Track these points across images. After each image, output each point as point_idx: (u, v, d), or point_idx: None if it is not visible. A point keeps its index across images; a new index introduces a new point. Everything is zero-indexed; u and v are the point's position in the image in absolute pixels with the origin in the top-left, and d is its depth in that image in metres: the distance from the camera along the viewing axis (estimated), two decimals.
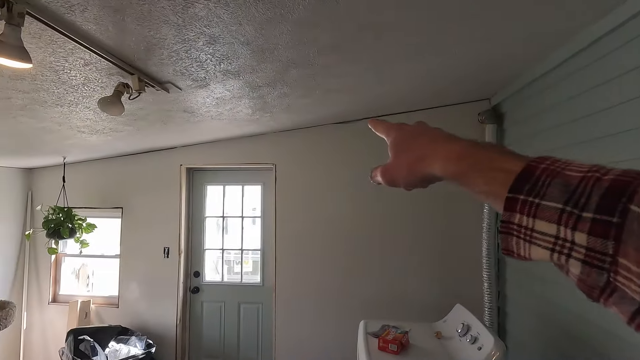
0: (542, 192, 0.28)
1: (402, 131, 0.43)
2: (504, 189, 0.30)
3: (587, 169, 0.27)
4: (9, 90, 1.49)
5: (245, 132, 2.91)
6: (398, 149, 0.42)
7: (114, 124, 2.21)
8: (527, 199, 0.28)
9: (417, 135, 0.41)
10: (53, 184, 3.23)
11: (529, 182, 0.29)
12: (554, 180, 0.28)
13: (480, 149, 0.35)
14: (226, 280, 3.35)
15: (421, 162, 0.38)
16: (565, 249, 0.26)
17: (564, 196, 0.26)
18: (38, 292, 3.32)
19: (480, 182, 0.33)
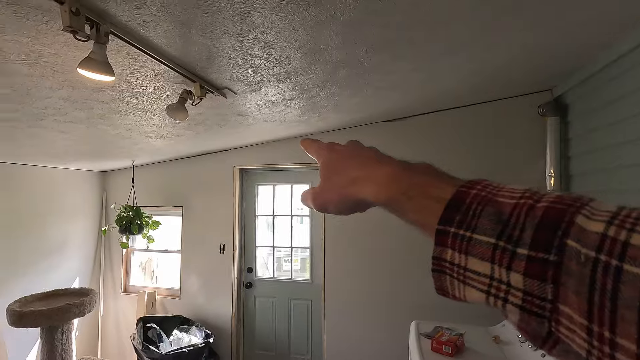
0: (473, 223, 0.25)
1: (332, 152, 0.40)
2: (434, 219, 0.27)
3: (520, 195, 0.25)
4: (92, 101, 1.69)
5: (294, 132, 2.99)
6: (328, 172, 0.38)
7: (176, 129, 2.39)
8: (458, 232, 0.25)
9: (348, 157, 0.38)
10: (124, 185, 3.58)
11: (460, 212, 0.26)
12: (485, 208, 0.25)
13: (413, 172, 0.32)
14: (277, 277, 3.47)
15: (351, 186, 0.35)
16: (501, 292, 0.23)
17: (497, 228, 0.24)
18: (112, 282, 3.69)
19: (412, 210, 0.30)
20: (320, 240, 3.13)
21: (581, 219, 0.21)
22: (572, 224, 0.21)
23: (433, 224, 0.27)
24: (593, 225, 0.21)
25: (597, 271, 0.19)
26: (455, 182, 0.29)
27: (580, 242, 0.21)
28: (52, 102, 1.64)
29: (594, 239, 0.20)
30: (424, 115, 2.84)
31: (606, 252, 0.19)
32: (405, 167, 0.33)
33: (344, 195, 0.36)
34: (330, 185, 0.38)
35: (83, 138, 2.32)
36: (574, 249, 0.21)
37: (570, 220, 0.22)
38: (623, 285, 0.18)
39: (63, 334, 1.90)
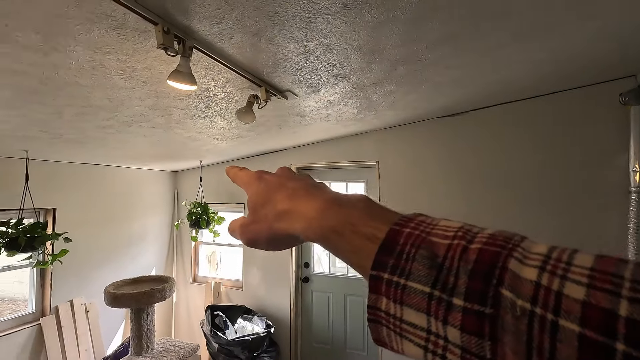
0: (407, 268, 0.23)
1: (261, 182, 0.36)
2: (369, 262, 0.25)
3: (453, 234, 0.23)
4: (171, 108, 1.88)
5: (350, 131, 3.04)
6: (257, 204, 0.35)
7: (240, 131, 2.57)
8: (391, 279, 0.23)
9: (276, 188, 0.34)
10: (192, 184, 3.90)
11: (393, 255, 0.24)
12: (419, 251, 0.23)
13: (344, 206, 0.29)
14: (332, 273, 3.54)
15: (279, 220, 0.32)
16: (439, 349, 0.21)
17: (432, 274, 0.22)
18: (183, 272, 4.04)
19: (344, 250, 0.28)
20: None
21: (514, 264, 0.20)
22: (505, 270, 0.20)
23: (368, 267, 0.25)
24: (526, 272, 0.20)
25: (534, 327, 0.18)
26: (388, 217, 0.27)
27: (514, 292, 0.19)
28: (140, 110, 1.87)
29: (528, 288, 0.19)
30: (485, 109, 2.72)
31: (541, 305, 0.18)
32: (337, 201, 0.30)
33: (272, 231, 0.33)
34: (258, 218, 0.34)
35: (161, 141, 2.58)
36: (509, 300, 0.19)
37: (503, 266, 0.20)
38: (560, 343, 0.17)
39: (148, 315, 2.15)
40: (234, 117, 2.18)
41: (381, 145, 3.13)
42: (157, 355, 2.14)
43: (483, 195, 2.74)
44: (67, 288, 2.93)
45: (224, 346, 3.03)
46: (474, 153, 2.78)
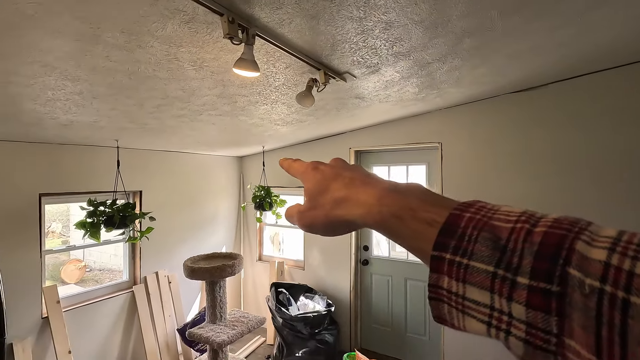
0: (469, 249, 0.24)
1: (317, 172, 0.38)
2: (429, 245, 0.26)
3: (516, 218, 0.24)
4: (236, 95, 1.99)
5: (410, 112, 2.93)
6: (314, 192, 0.37)
7: (300, 115, 2.63)
8: (454, 259, 0.24)
9: (332, 178, 0.36)
10: (256, 168, 4.11)
11: (454, 237, 0.25)
12: (481, 233, 0.24)
13: (402, 193, 0.30)
14: (392, 257, 3.52)
15: (338, 207, 0.34)
16: (502, 324, 0.22)
17: (495, 255, 0.23)
18: (250, 251, 4.32)
19: (404, 234, 0.29)
20: None
21: (581, 246, 0.21)
22: (572, 251, 0.21)
23: (427, 250, 0.26)
24: (595, 253, 0.20)
25: (603, 304, 0.19)
26: (447, 203, 0.28)
27: (582, 271, 0.20)
28: (208, 100, 2.01)
29: (597, 268, 0.19)
30: (563, 82, 2.43)
31: (611, 283, 0.19)
32: (394, 188, 0.32)
33: (330, 217, 0.35)
34: (316, 205, 0.36)
35: (227, 128, 2.75)
36: (577, 279, 0.20)
37: (570, 247, 0.21)
38: (632, 319, 0.18)
39: (220, 288, 2.36)
40: (294, 102, 2.24)
41: (444, 125, 2.98)
42: (229, 324, 2.35)
43: (557, 179, 2.48)
44: (153, 261, 3.33)
45: (288, 321, 3.21)
46: (548, 132, 2.52)
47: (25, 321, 2.47)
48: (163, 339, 3.21)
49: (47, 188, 2.62)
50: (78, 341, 2.74)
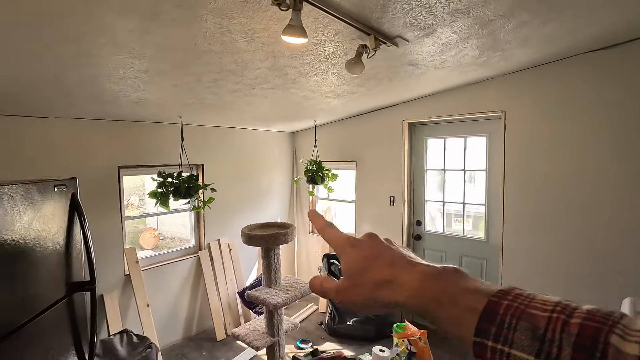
0: (509, 337, 0.26)
1: (354, 249, 0.39)
2: (469, 332, 0.28)
3: (552, 307, 0.25)
4: (287, 67, 2.01)
5: (469, 78, 2.73)
6: (354, 271, 0.37)
7: (351, 87, 2.58)
8: (495, 347, 0.26)
9: (374, 257, 0.37)
10: (308, 142, 4.17)
11: (494, 324, 0.27)
12: (519, 322, 0.26)
13: (441, 279, 0.32)
14: (446, 232, 3.41)
15: (381, 289, 0.35)
16: None
17: (534, 345, 0.24)
18: (302, 224, 4.47)
19: (444, 319, 0.30)
20: (499, 196, 2.86)
21: (616, 339, 0.22)
22: (608, 344, 0.22)
23: (468, 335, 0.28)
24: (629, 347, 0.21)
25: None
26: (485, 289, 0.29)
27: None
28: (260, 73, 2.06)
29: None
30: None
31: None
32: (433, 273, 0.33)
33: (371, 298, 0.35)
34: (356, 284, 0.37)
35: (279, 102, 2.81)
36: None
37: (606, 341, 0.22)
38: None
39: (275, 255, 2.50)
40: (344, 72, 2.21)
41: (508, 92, 2.73)
42: (283, 289, 2.49)
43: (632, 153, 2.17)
44: (215, 230, 3.60)
45: None
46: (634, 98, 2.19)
47: (111, 277, 2.86)
48: (225, 300, 3.51)
49: (124, 161, 2.93)
50: (155, 296, 3.11)
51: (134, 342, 2.51)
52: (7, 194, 1.20)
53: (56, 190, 1.48)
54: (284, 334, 2.57)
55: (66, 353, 1.52)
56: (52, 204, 1.45)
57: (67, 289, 1.53)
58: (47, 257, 1.39)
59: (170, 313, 3.26)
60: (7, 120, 2.34)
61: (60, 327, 1.50)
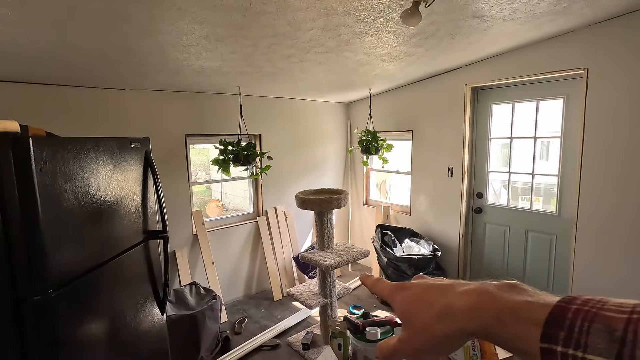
0: (582, 341, 0.23)
1: (405, 291, 0.36)
2: (534, 346, 0.26)
3: (630, 310, 0.23)
4: (340, 27, 1.97)
5: (544, 33, 2.44)
6: (410, 313, 0.35)
7: (407, 47, 2.46)
8: (566, 352, 0.24)
9: (426, 290, 0.35)
10: (362, 113, 4.10)
11: (562, 328, 0.24)
12: (592, 325, 0.23)
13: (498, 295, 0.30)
14: (511, 205, 3.17)
15: (442, 320, 0.32)
16: None
17: (613, 347, 0.22)
18: (356, 195, 4.48)
19: (506, 336, 0.28)
20: (575, 167, 2.57)
21: None
22: None
23: (532, 348, 0.26)
24: None
25: None
26: (547, 299, 0.27)
27: None
28: (314, 34, 2.04)
29: None
30: None
31: None
32: (489, 289, 0.31)
33: (435, 335, 0.32)
34: (416, 330, 0.34)
35: (333, 68, 2.78)
36: None
37: None
38: None
39: (328, 219, 2.55)
40: (400, 30, 2.10)
41: (592, 47, 2.39)
42: (335, 253, 2.54)
43: None
44: (272, 197, 3.77)
45: (392, 261, 3.30)
46: None
47: (181, 235, 3.16)
48: (282, 264, 3.70)
49: (190, 130, 3.16)
50: (218, 256, 3.38)
51: (202, 293, 2.77)
52: (93, 147, 1.37)
53: (132, 147, 1.65)
54: (337, 296, 2.65)
55: (146, 297, 1.74)
56: (129, 158, 1.62)
57: (144, 235, 1.73)
58: (126, 204, 1.58)
59: (232, 272, 3.53)
60: (92, 91, 2.65)
61: (140, 268, 1.71)
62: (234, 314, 3.30)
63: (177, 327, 2.34)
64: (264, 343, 2.78)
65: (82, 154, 1.30)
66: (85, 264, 1.31)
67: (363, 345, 1.99)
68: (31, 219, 1.06)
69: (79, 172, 1.27)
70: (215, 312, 2.62)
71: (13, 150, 1.02)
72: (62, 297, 1.16)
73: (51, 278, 1.12)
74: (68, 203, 1.21)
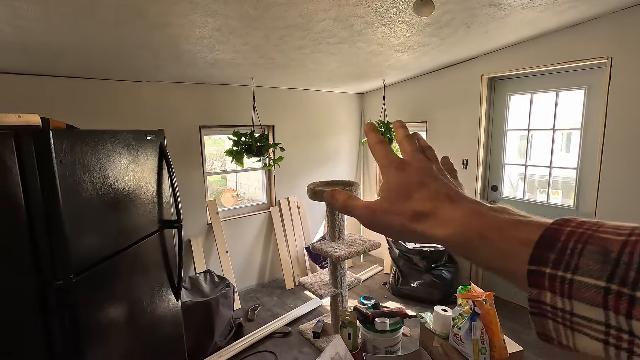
0: (573, 263, 0.22)
1: (401, 173, 0.35)
2: (521, 265, 0.24)
3: (629, 231, 0.22)
4: (352, 17, 1.95)
5: (566, 20, 2.35)
6: (393, 195, 0.34)
7: (421, 37, 2.41)
8: (555, 273, 0.23)
9: (418, 185, 0.33)
10: (376, 104, 4.07)
11: (553, 250, 0.23)
12: (586, 246, 0.22)
13: (489, 213, 0.29)
14: (527, 199, 3.11)
15: (419, 222, 0.31)
16: (623, 343, 0.20)
17: (605, 269, 0.21)
18: (369, 186, 4.47)
19: (491, 257, 0.27)
20: (595, 161, 2.49)
21: None
22: None
23: (519, 271, 0.25)
24: None
25: None
26: (541, 221, 0.26)
27: None
28: (326, 25, 2.03)
29: None
30: None
31: None
32: (481, 207, 0.30)
33: (406, 228, 0.32)
34: (393, 210, 0.33)
35: (346, 59, 2.76)
36: None
37: None
38: None
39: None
40: (414, 20, 2.07)
41: (616, 34, 2.29)
42: (346, 244, 2.57)
43: None
44: (284, 188, 3.80)
45: (404, 253, 3.30)
46: None
47: (196, 224, 3.24)
48: (294, 254, 3.75)
49: (204, 121, 3.21)
50: (232, 245, 3.45)
51: (216, 280, 2.85)
52: (110, 139, 1.42)
53: (148, 139, 1.70)
54: (347, 287, 2.68)
55: (161, 284, 1.80)
56: (145, 150, 1.67)
57: (159, 224, 1.79)
58: (142, 195, 1.64)
59: (246, 261, 3.61)
60: (110, 83, 2.71)
61: (155, 256, 1.77)
62: (247, 301, 3.38)
63: (192, 313, 2.42)
64: (275, 330, 2.84)
65: (99, 146, 1.35)
66: (104, 252, 1.37)
67: (372, 335, 2.02)
68: (53, 209, 1.11)
69: (96, 164, 1.32)
70: (228, 299, 2.69)
71: (35, 143, 1.07)
72: (83, 282, 1.22)
73: (72, 264, 1.18)
74: (87, 193, 1.27)
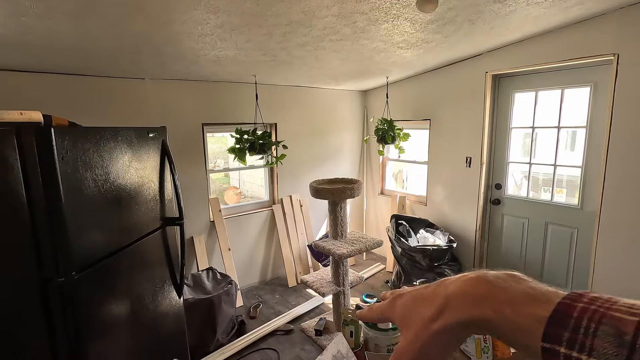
0: (587, 344, 0.21)
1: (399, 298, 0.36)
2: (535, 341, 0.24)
3: None
4: (355, 14, 1.94)
5: (572, 16, 2.32)
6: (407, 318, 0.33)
7: (425, 34, 2.39)
8: (570, 355, 0.22)
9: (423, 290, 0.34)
10: (379, 101, 4.05)
11: (567, 328, 0.23)
12: (600, 326, 0.21)
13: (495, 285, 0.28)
14: (531, 197, 3.09)
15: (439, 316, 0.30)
16: None
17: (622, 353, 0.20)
18: (372, 184, 4.46)
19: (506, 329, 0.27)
20: (600, 159, 2.47)
21: None
22: None
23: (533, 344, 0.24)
24: None
25: None
26: (551, 294, 0.26)
27: None
28: (328, 22, 2.02)
29: None
30: None
31: None
32: (489, 278, 0.29)
33: (435, 332, 0.31)
34: (416, 328, 0.32)
35: (349, 56, 2.74)
36: None
37: None
38: None
39: (341, 209, 2.56)
40: (417, 17, 2.05)
41: (624, 31, 2.26)
42: (348, 242, 2.56)
43: None
44: (287, 186, 3.80)
45: (407, 251, 3.29)
46: None
47: (199, 222, 3.25)
48: (297, 252, 3.75)
49: (207, 119, 3.21)
50: (235, 242, 3.46)
51: (218, 278, 2.86)
52: (112, 136, 1.42)
53: (150, 136, 1.70)
54: (349, 285, 2.68)
55: (164, 281, 1.81)
56: (147, 147, 1.67)
57: (161, 222, 1.79)
58: (144, 192, 1.64)
59: (248, 258, 3.61)
60: (113, 81, 2.72)
61: (158, 253, 1.78)
62: (250, 299, 3.39)
63: (194, 310, 2.43)
64: (278, 328, 2.85)
65: (101, 143, 1.35)
66: (106, 249, 1.37)
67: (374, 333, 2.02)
68: (54, 206, 1.12)
69: (98, 161, 1.32)
70: (231, 296, 2.70)
71: (37, 140, 1.07)
72: (85, 279, 1.23)
73: (74, 261, 1.19)
74: (89, 190, 1.27)
